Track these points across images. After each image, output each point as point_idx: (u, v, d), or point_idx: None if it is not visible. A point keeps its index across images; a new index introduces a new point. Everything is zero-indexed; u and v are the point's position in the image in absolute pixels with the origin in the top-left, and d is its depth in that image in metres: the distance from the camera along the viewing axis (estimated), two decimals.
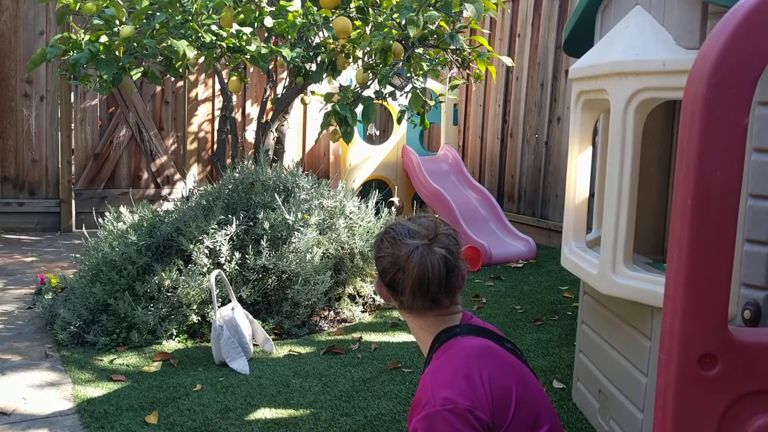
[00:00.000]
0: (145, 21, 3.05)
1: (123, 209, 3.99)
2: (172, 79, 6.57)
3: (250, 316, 3.41)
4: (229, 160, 5.39)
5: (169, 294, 3.50)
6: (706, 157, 1.05)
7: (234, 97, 5.16)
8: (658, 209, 2.80)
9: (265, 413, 2.69)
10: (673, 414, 1.22)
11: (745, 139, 1.03)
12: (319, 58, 3.95)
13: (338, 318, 3.90)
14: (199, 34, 2.97)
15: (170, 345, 3.43)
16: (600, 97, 2.29)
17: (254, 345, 3.40)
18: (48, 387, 2.94)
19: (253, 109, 7.02)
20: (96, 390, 2.89)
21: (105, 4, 3.14)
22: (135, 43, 3.00)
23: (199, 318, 3.51)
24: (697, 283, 1.11)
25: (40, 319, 3.79)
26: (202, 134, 6.96)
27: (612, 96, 2.14)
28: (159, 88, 6.65)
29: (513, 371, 1.29)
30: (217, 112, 6.84)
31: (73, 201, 6.48)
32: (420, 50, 3.47)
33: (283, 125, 5.02)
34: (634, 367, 2.20)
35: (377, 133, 6.73)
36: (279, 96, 4.78)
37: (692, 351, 1.13)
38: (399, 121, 4.15)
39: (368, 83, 3.50)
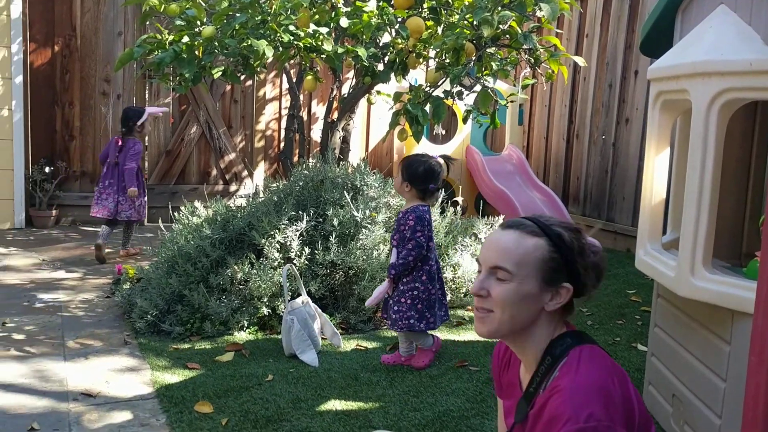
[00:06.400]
0: (225, 21, 3.16)
1: (197, 204, 4.13)
2: (242, 77, 6.75)
3: (319, 310, 3.49)
4: (295, 158, 5.50)
5: (241, 287, 3.61)
6: None
7: (300, 97, 5.28)
8: (736, 213, 2.74)
9: (335, 405, 2.75)
10: (764, 416, 1.21)
11: None
12: (386, 58, 4.00)
13: None
14: (278, 34, 3.06)
15: (241, 336, 3.53)
16: (680, 97, 2.26)
17: (322, 338, 3.47)
18: (128, 372, 3.07)
19: (318, 108, 7.13)
20: (173, 377, 3.01)
21: (187, 6, 3.26)
22: (216, 43, 3.12)
23: (269, 311, 3.60)
24: None
25: (118, 307, 3.96)
26: (269, 132, 7.11)
27: (694, 96, 2.11)
28: (229, 87, 6.84)
29: (627, 379, 1.30)
30: (284, 111, 6.98)
31: (146, 196, 6.71)
32: (491, 50, 3.47)
33: (349, 124, 5.09)
34: (711, 372, 2.16)
35: (443, 132, 6.74)
36: (345, 95, 4.86)
37: None
38: (465, 120, 4.16)
39: (439, 83, 3.52)
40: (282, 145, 6.80)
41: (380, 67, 4.10)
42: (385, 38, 4.01)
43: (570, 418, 1.19)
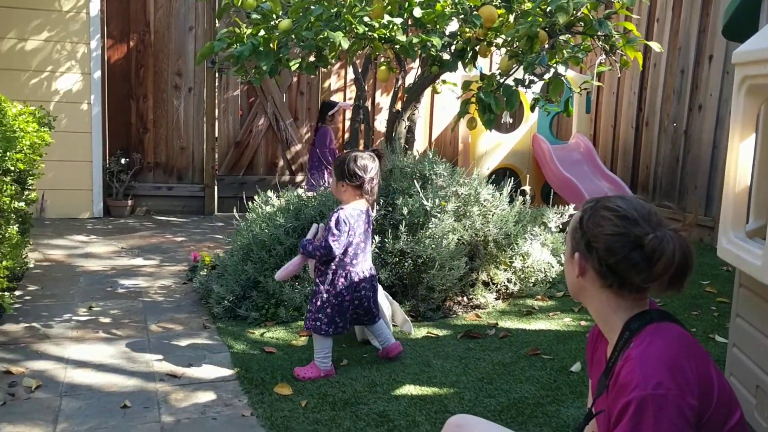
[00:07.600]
0: (300, 14, 3.23)
1: (270, 193, 4.23)
2: None
3: (390, 298, 3.54)
4: (361, 149, 5.56)
5: None
6: None
7: (365, 87, 5.35)
8: None
9: (410, 389, 2.80)
10: None
11: None
12: (452, 47, 4.00)
13: (471, 304, 3.95)
14: (353, 26, 3.11)
15: None
16: None
17: (393, 325, 3.52)
18: (209, 355, 3.19)
19: (382, 99, 7.18)
20: (251, 360, 3.11)
21: (263, 0, 3.34)
22: (293, 35, 3.19)
23: None
24: None
25: (195, 293, 4.10)
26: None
27: None
28: (295, 79, 6.95)
29: (709, 360, 1.31)
30: (348, 102, 7.06)
31: (216, 186, 6.91)
32: (564, 37, 3.44)
33: (414, 114, 5.11)
34: None
35: (510, 121, 6.70)
36: (409, 85, 4.88)
37: None
38: (532, 108, 4.12)
39: (511, 71, 3.51)
40: (347, 135, 6.88)
41: (445, 56, 4.11)
42: (452, 27, 4.01)
43: (638, 385, 1.22)
